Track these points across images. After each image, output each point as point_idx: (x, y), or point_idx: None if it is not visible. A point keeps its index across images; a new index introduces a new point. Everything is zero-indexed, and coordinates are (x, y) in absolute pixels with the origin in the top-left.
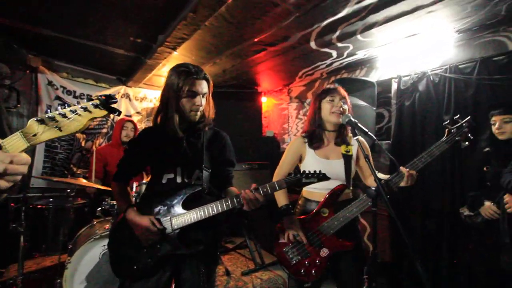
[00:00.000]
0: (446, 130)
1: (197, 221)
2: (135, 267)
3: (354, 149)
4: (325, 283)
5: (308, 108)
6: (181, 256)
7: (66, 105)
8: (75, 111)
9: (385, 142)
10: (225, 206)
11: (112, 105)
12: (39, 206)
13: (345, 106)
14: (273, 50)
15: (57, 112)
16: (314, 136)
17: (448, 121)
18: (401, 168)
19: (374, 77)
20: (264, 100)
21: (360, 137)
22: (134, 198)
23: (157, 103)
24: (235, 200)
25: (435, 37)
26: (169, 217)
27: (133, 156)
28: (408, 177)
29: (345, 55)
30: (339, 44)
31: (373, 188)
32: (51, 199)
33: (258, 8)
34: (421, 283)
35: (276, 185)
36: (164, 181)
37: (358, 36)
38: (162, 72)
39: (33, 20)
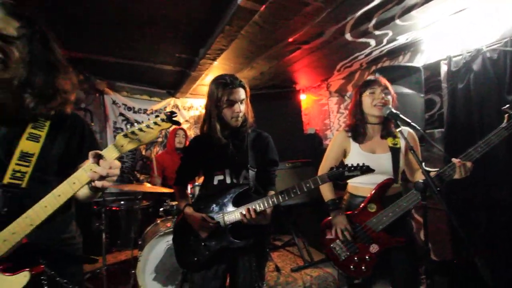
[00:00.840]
0: (506, 115)
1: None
2: (195, 259)
3: (402, 141)
4: (380, 282)
5: (349, 102)
6: (235, 249)
7: (139, 122)
8: (149, 125)
9: (437, 131)
10: (271, 202)
11: (174, 118)
12: (114, 208)
13: (388, 97)
14: (308, 48)
15: (137, 128)
16: (357, 130)
17: (508, 105)
18: (453, 159)
19: (420, 61)
20: (303, 97)
21: (404, 128)
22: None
23: (203, 111)
24: (280, 196)
25: (488, 7)
26: (221, 214)
27: (188, 163)
28: (460, 168)
29: (384, 42)
30: (377, 32)
31: (421, 181)
32: (122, 202)
33: (289, 9)
34: (486, 283)
35: (319, 180)
36: (215, 182)
37: (397, 21)
38: (205, 81)
39: (99, 50)
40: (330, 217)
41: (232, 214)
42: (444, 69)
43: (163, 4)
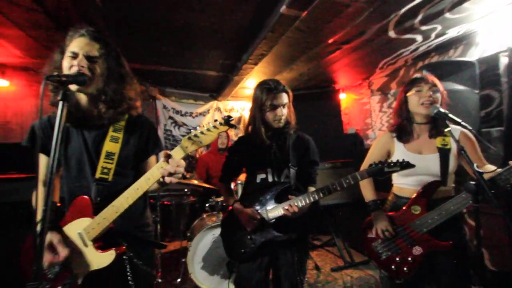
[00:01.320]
0: None
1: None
2: (242, 251)
3: (453, 141)
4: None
5: (393, 100)
6: (277, 243)
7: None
8: (209, 129)
9: (495, 129)
10: (312, 198)
11: (231, 122)
12: (165, 202)
13: (437, 95)
14: (348, 48)
15: (199, 131)
16: (402, 130)
17: None
18: (510, 162)
19: (474, 54)
20: (342, 96)
21: (455, 128)
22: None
23: (243, 113)
24: (320, 193)
25: None
26: (265, 210)
27: (233, 161)
28: None
29: (433, 37)
30: (424, 28)
31: (473, 183)
32: (172, 197)
33: (330, 12)
34: None
35: (358, 176)
36: (258, 180)
37: (447, 15)
38: (245, 85)
39: (153, 61)
40: (371, 218)
41: (275, 210)
42: (503, 62)
43: (211, 17)
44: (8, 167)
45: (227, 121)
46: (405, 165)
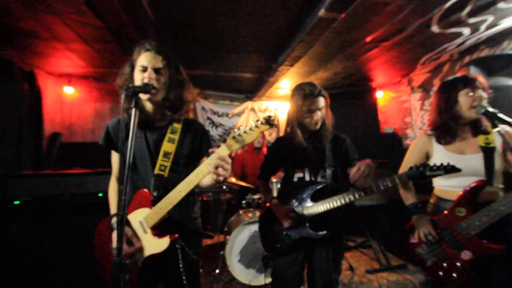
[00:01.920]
0: None
1: (323, 211)
2: (278, 245)
3: (497, 140)
4: None
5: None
6: (312, 240)
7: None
8: (251, 128)
9: None
10: (347, 199)
11: (271, 122)
12: (205, 198)
13: (484, 95)
14: (387, 45)
15: (242, 131)
16: (445, 130)
17: None
18: None
19: None
20: (379, 95)
21: (504, 128)
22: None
23: (277, 112)
24: (356, 194)
25: None
26: (301, 208)
27: (271, 160)
28: None
29: (482, 29)
30: (472, 20)
31: None
32: (210, 194)
33: (369, 12)
34: None
35: (397, 179)
36: (295, 179)
37: (500, 4)
38: (279, 85)
39: (195, 66)
40: (412, 221)
41: (311, 208)
42: None
43: (252, 23)
44: (74, 163)
45: (268, 120)
46: (449, 169)
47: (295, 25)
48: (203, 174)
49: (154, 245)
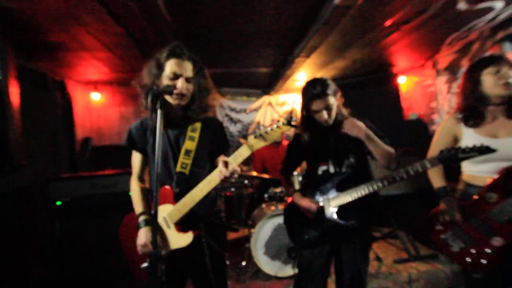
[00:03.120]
0: None
1: (349, 201)
2: (306, 237)
3: None
4: None
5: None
6: (340, 231)
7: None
8: (272, 128)
9: None
10: (376, 187)
11: (292, 123)
12: (228, 194)
13: None
14: (408, 28)
15: (264, 131)
16: (472, 113)
17: None
18: None
19: None
20: (402, 80)
21: None
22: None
23: (294, 105)
24: (385, 181)
25: None
26: (326, 199)
27: (293, 155)
28: None
29: None
30: None
31: None
32: (233, 189)
33: None
34: None
35: (427, 163)
36: (320, 172)
37: None
38: (296, 78)
39: (212, 64)
40: (440, 206)
41: (336, 199)
42: None
43: (266, 17)
44: (105, 164)
45: (289, 121)
46: (484, 150)
47: (310, 15)
48: (215, 182)
49: (178, 239)
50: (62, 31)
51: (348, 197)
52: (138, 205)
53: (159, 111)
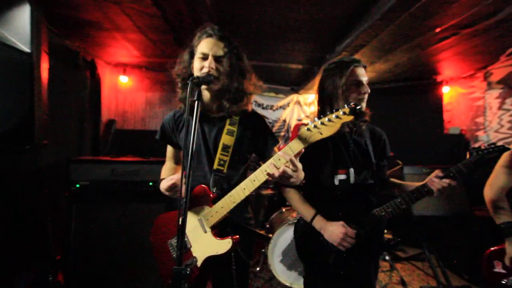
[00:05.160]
0: None
1: (386, 219)
2: (330, 261)
3: None
4: None
5: None
6: (368, 254)
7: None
8: (330, 119)
9: None
10: (414, 199)
11: (357, 110)
12: None
13: None
14: (468, 32)
15: (319, 122)
16: None
17: None
18: None
19: None
20: (445, 90)
21: None
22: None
23: None
24: (423, 191)
25: None
26: (356, 219)
27: (307, 161)
28: None
29: None
30: None
31: None
32: None
33: None
34: None
35: (463, 167)
36: (336, 182)
37: None
38: None
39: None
40: (506, 247)
41: (367, 217)
42: None
43: (312, 8)
44: (126, 150)
45: (354, 109)
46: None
47: (363, 8)
48: (260, 181)
49: (215, 246)
50: (97, 9)
51: (383, 214)
52: (164, 175)
53: (196, 103)
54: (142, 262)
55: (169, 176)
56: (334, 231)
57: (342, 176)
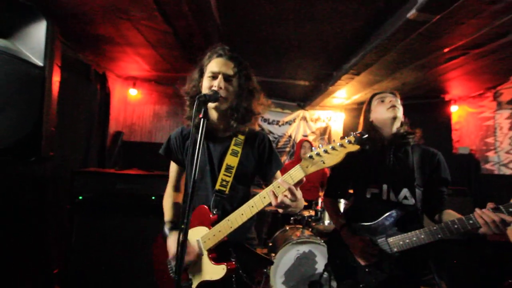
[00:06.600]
0: None
1: (419, 245)
2: (361, 286)
3: None
4: None
5: None
6: (403, 279)
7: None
8: (334, 147)
9: None
10: (454, 230)
11: (363, 140)
12: None
13: None
14: (477, 53)
15: (322, 150)
16: None
17: None
18: None
19: None
20: (454, 109)
21: None
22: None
23: (329, 122)
24: (467, 223)
25: None
26: (384, 238)
27: (341, 173)
28: None
29: None
30: None
31: None
32: None
33: (469, 13)
34: None
35: None
36: (368, 195)
37: None
38: (335, 94)
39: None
40: None
41: (399, 239)
42: None
43: (320, 26)
44: (132, 162)
45: (360, 138)
46: None
47: (371, 28)
48: (269, 199)
49: (209, 271)
50: (110, 24)
51: (415, 239)
52: (167, 213)
53: (202, 121)
54: (142, 277)
55: (170, 213)
56: (354, 243)
57: (375, 191)
